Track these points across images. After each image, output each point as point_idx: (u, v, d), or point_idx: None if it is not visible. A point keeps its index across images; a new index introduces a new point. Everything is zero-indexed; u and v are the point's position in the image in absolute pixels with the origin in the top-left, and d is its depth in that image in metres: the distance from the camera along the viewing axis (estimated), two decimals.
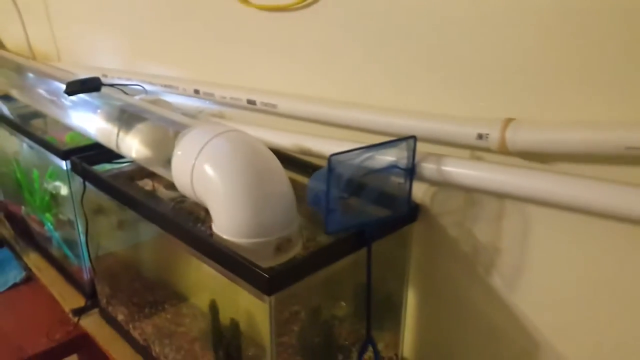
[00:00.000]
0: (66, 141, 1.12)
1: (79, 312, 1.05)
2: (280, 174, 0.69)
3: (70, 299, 1.11)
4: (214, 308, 0.75)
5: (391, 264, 0.80)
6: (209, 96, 0.97)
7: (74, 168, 0.93)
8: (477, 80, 0.64)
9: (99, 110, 0.93)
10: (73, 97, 0.97)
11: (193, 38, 1.07)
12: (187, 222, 0.75)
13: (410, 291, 0.83)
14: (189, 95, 1.04)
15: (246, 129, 0.94)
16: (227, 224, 0.66)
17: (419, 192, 0.75)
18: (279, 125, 0.90)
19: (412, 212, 0.75)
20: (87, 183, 0.90)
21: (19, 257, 1.32)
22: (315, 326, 0.77)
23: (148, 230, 0.87)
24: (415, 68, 0.71)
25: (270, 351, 0.62)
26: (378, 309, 0.87)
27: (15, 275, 1.28)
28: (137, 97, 1.02)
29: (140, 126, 0.84)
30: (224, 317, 0.74)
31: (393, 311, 0.84)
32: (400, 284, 0.81)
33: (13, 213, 1.41)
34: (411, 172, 0.68)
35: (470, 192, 0.70)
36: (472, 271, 0.73)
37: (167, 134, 0.79)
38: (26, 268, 1.28)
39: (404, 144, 0.67)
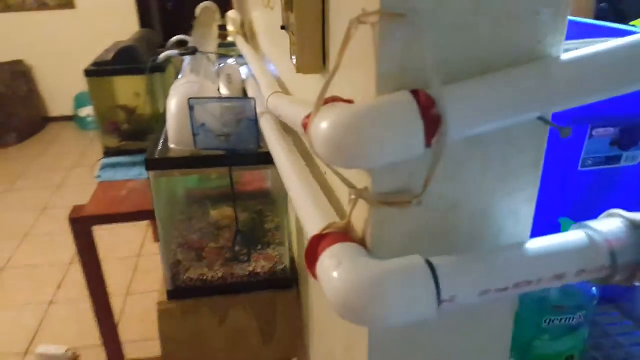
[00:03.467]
0: None
1: None
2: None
3: None
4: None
5: (275, 194, 1.14)
6: None
7: None
8: None
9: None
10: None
11: None
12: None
13: (292, 217, 1.14)
14: None
15: None
16: (170, 135, 1.14)
17: None
18: None
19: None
20: None
21: None
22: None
23: None
24: None
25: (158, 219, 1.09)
26: (271, 229, 1.22)
27: None
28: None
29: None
30: None
31: (282, 230, 1.17)
32: (284, 210, 1.14)
33: None
34: (255, 122, 1.01)
35: None
36: None
37: None
38: None
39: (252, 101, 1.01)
